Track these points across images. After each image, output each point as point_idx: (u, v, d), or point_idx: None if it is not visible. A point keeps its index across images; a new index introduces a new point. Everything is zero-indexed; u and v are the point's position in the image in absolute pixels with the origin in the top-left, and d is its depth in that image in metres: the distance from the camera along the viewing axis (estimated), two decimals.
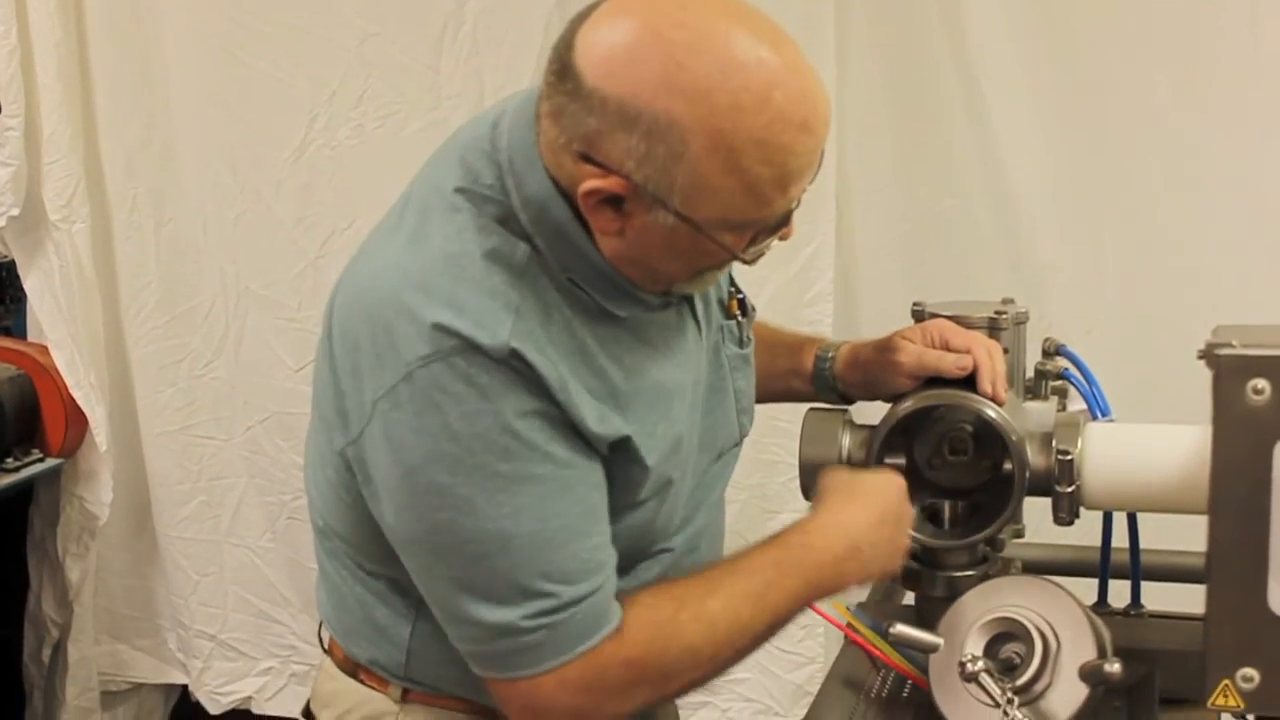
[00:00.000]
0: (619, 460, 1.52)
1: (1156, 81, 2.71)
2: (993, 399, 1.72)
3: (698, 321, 1.66)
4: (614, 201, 1.42)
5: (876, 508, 1.63)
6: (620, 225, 1.44)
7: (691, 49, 1.36)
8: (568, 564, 1.46)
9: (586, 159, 1.41)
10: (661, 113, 1.36)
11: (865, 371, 1.84)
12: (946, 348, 1.76)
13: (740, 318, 1.77)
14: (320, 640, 1.76)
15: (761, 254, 1.51)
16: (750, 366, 1.80)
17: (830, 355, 1.90)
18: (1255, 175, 2.67)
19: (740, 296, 1.79)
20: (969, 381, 1.74)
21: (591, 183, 1.40)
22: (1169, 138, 2.71)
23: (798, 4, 2.69)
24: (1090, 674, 1.57)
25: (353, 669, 1.69)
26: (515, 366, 1.42)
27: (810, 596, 1.57)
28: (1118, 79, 2.73)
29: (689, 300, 1.64)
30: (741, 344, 1.77)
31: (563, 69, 1.41)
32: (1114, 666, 1.55)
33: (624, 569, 1.56)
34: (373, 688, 1.67)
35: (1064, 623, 1.61)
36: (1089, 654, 1.59)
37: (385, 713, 1.66)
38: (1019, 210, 2.82)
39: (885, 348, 1.80)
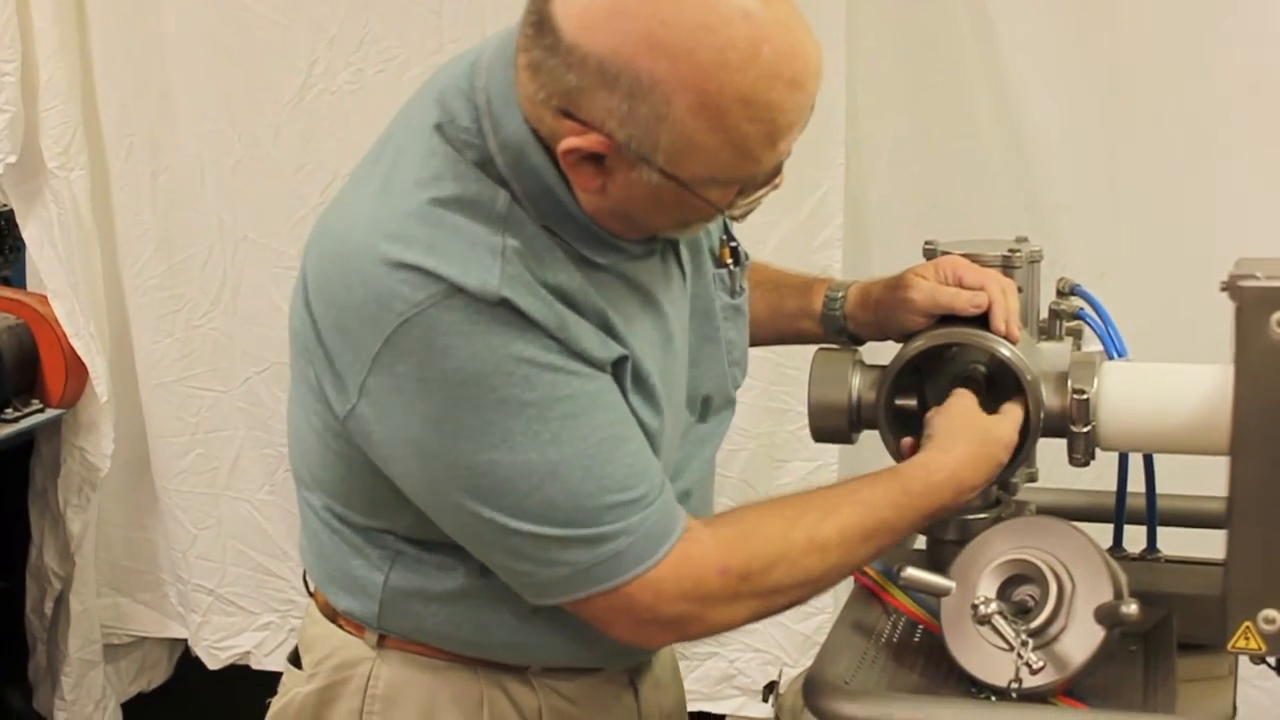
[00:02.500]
0: (624, 381, 1.48)
1: (1172, 18, 2.66)
2: (1006, 337, 1.68)
3: (682, 269, 1.62)
4: (595, 159, 1.38)
5: (988, 470, 1.63)
6: (602, 182, 1.40)
7: (674, 4, 1.31)
8: (620, 471, 1.43)
9: (567, 115, 1.36)
10: (644, 72, 1.31)
11: (876, 310, 1.80)
12: (960, 285, 1.72)
13: (732, 266, 1.72)
14: (305, 584, 1.73)
15: (751, 209, 1.48)
16: (743, 317, 1.75)
17: (840, 295, 1.85)
18: (1272, 113, 2.62)
19: (733, 245, 1.74)
20: (982, 320, 1.70)
21: (572, 140, 1.36)
22: (1184, 75, 2.67)
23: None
24: (1106, 615, 1.53)
25: (332, 614, 1.66)
26: (513, 311, 1.38)
27: (907, 534, 1.64)
28: (1132, 16, 2.69)
29: (674, 249, 1.61)
30: (733, 293, 1.72)
31: (540, 22, 1.36)
32: (1131, 607, 1.51)
33: None
34: (350, 633, 1.65)
35: (1079, 564, 1.58)
36: (1105, 596, 1.55)
37: (362, 658, 1.64)
38: (1032, 152, 2.78)
39: (897, 285, 1.76)
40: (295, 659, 1.72)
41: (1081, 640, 1.55)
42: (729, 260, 1.71)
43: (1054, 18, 2.73)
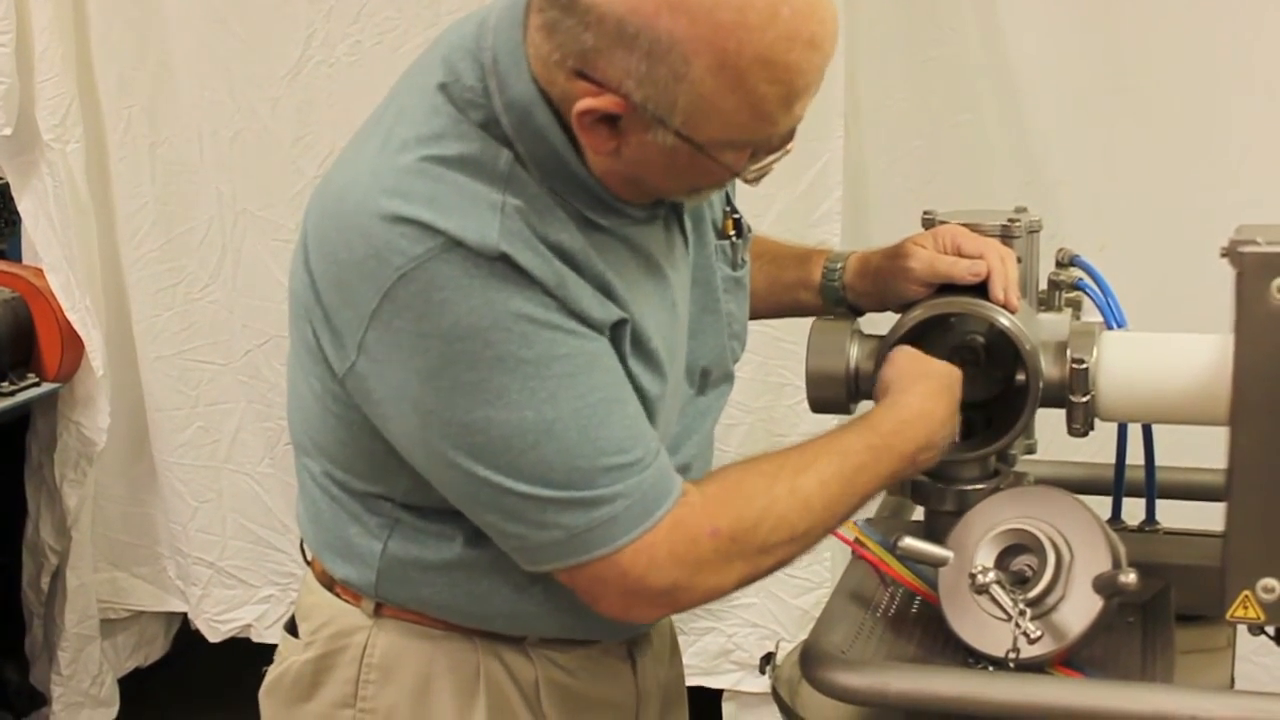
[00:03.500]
0: (623, 345, 1.47)
1: None
2: (1005, 306, 1.67)
3: (685, 238, 1.61)
4: (610, 120, 1.37)
5: (950, 402, 1.64)
6: (615, 144, 1.39)
7: None
8: (616, 433, 1.42)
9: (582, 76, 1.36)
10: (663, 31, 1.30)
11: (875, 279, 1.79)
12: (959, 253, 1.71)
13: (735, 238, 1.71)
14: (303, 552, 1.72)
15: (764, 173, 1.46)
16: (744, 290, 1.74)
17: (838, 265, 1.84)
18: (1272, 85, 2.62)
19: (736, 217, 1.73)
20: (981, 289, 1.69)
21: (587, 101, 1.35)
22: (1184, 49, 2.66)
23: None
24: (1104, 584, 1.52)
25: (329, 582, 1.65)
26: (511, 268, 1.37)
27: (888, 484, 1.61)
28: None
29: (678, 217, 1.60)
30: (735, 266, 1.71)
31: None
32: (1129, 576, 1.50)
33: None
34: (348, 602, 1.63)
35: (1077, 534, 1.57)
36: (1103, 565, 1.54)
37: (359, 627, 1.62)
38: (1032, 125, 2.79)
39: (896, 254, 1.75)
40: (292, 628, 1.71)
41: (1079, 610, 1.54)
42: (731, 232, 1.71)
43: None
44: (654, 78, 1.32)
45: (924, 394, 1.62)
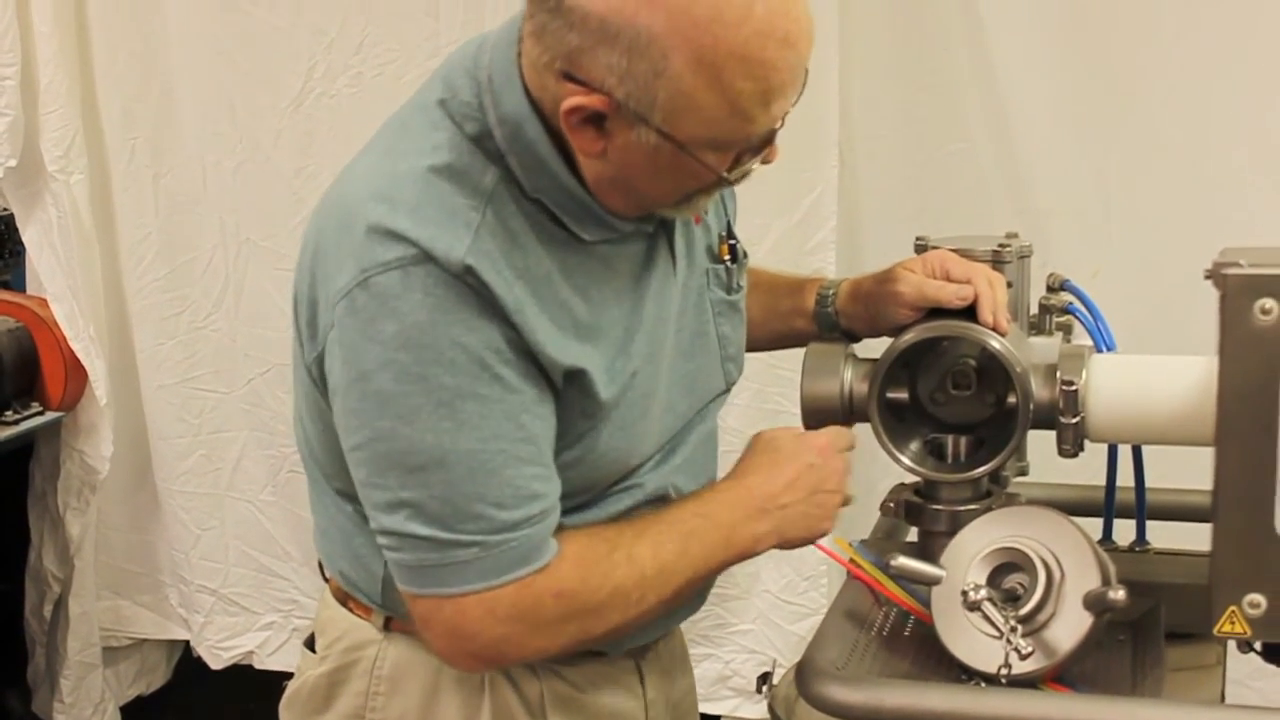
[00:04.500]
0: (573, 390, 1.51)
1: (1162, 22, 2.69)
2: (994, 329, 1.70)
3: (674, 257, 1.64)
4: (596, 120, 1.41)
5: (787, 472, 1.63)
6: (602, 146, 1.43)
7: None
8: (503, 490, 1.45)
9: (569, 77, 1.40)
10: (643, 28, 1.35)
11: (866, 303, 1.82)
12: (948, 278, 1.74)
13: (730, 264, 1.74)
14: (321, 568, 1.76)
15: (746, 175, 1.50)
16: (739, 314, 1.77)
17: (831, 292, 1.88)
18: (1263, 114, 2.65)
19: (732, 242, 1.76)
20: (972, 313, 1.72)
21: (573, 99, 1.40)
22: (1175, 79, 2.69)
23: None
24: (1094, 602, 1.55)
25: (343, 597, 1.70)
26: (470, 284, 1.42)
27: (730, 554, 1.61)
28: (1123, 20, 2.71)
29: (668, 237, 1.63)
30: (729, 290, 1.74)
31: None
32: (1118, 593, 1.53)
33: (591, 501, 1.58)
34: (360, 616, 1.68)
35: (1067, 552, 1.59)
36: (1093, 583, 1.57)
37: (370, 641, 1.67)
38: (1024, 154, 2.81)
39: (885, 279, 1.78)
40: (310, 643, 1.75)
41: (1070, 627, 1.56)
42: (726, 257, 1.74)
43: (1046, 21, 2.75)
44: (634, 74, 1.37)
45: (744, 468, 1.65)
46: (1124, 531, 1.93)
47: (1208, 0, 2.67)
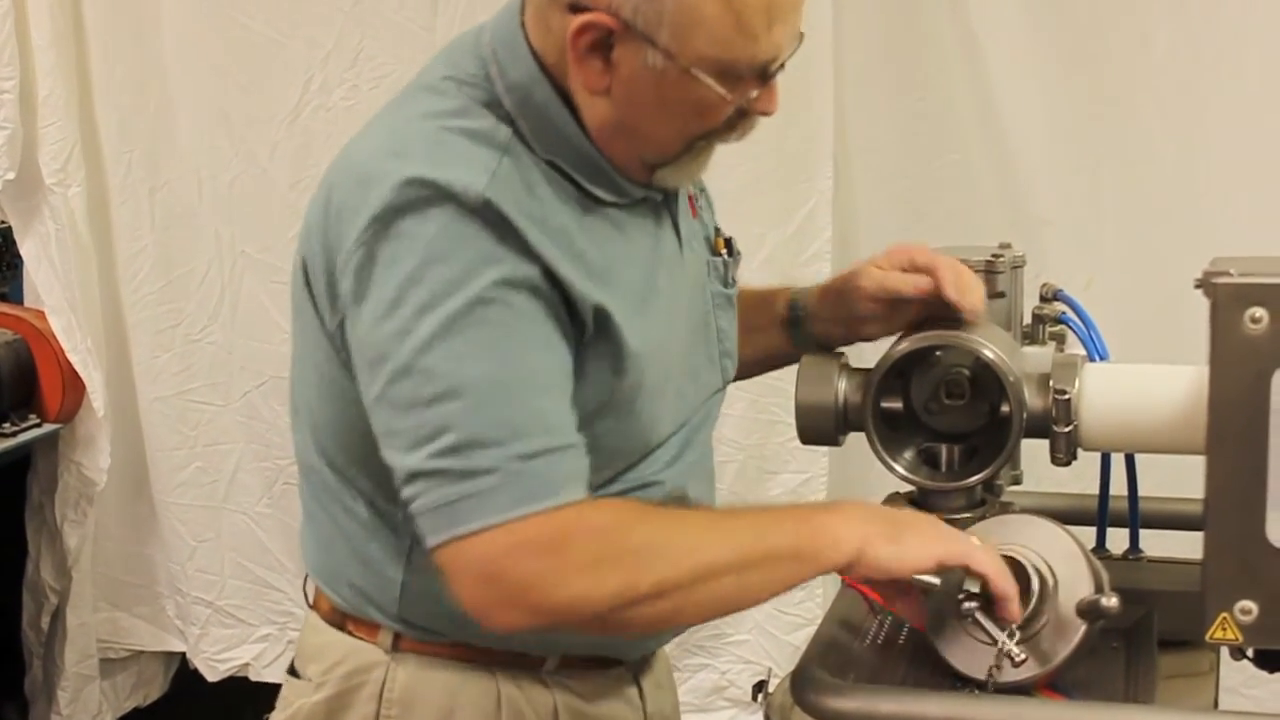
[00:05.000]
0: (601, 341, 1.50)
1: (1155, 36, 2.72)
2: (961, 308, 1.68)
3: (679, 238, 1.65)
4: (603, 49, 1.44)
5: (879, 524, 1.53)
6: (608, 82, 1.46)
7: None
8: (522, 416, 1.41)
9: (575, 8, 1.43)
10: None
11: (834, 302, 1.82)
12: (912, 268, 1.74)
13: (727, 256, 1.76)
14: (305, 595, 1.73)
15: (749, 129, 1.54)
16: (734, 310, 1.78)
17: (801, 298, 1.88)
18: (1254, 125, 2.67)
19: (728, 237, 1.78)
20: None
21: (582, 18, 1.43)
22: (1167, 91, 2.72)
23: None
24: (1087, 610, 1.55)
25: (340, 620, 1.65)
26: (490, 220, 1.42)
27: (801, 540, 1.48)
28: (1116, 33, 2.74)
29: (672, 218, 1.64)
30: (726, 284, 1.76)
31: None
32: (1111, 601, 1.53)
33: (613, 495, 1.56)
34: (361, 638, 1.64)
35: (1060, 560, 1.60)
36: (1086, 590, 1.57)
37: (375, 663, 1.63)
38: (1018, 165, 2.84)
39: (849, 274, 1.79)
40: (293, 671, 1.70)
41: (1062, 635, 1.57)
42: (723, 250, 1.76)
43: (1039, 34, 2.78)
44: None
45: (848, 508, 1.55)
46: (1118, 540, 1.94)
47: (1199, 14, 2.69)
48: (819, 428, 1.80)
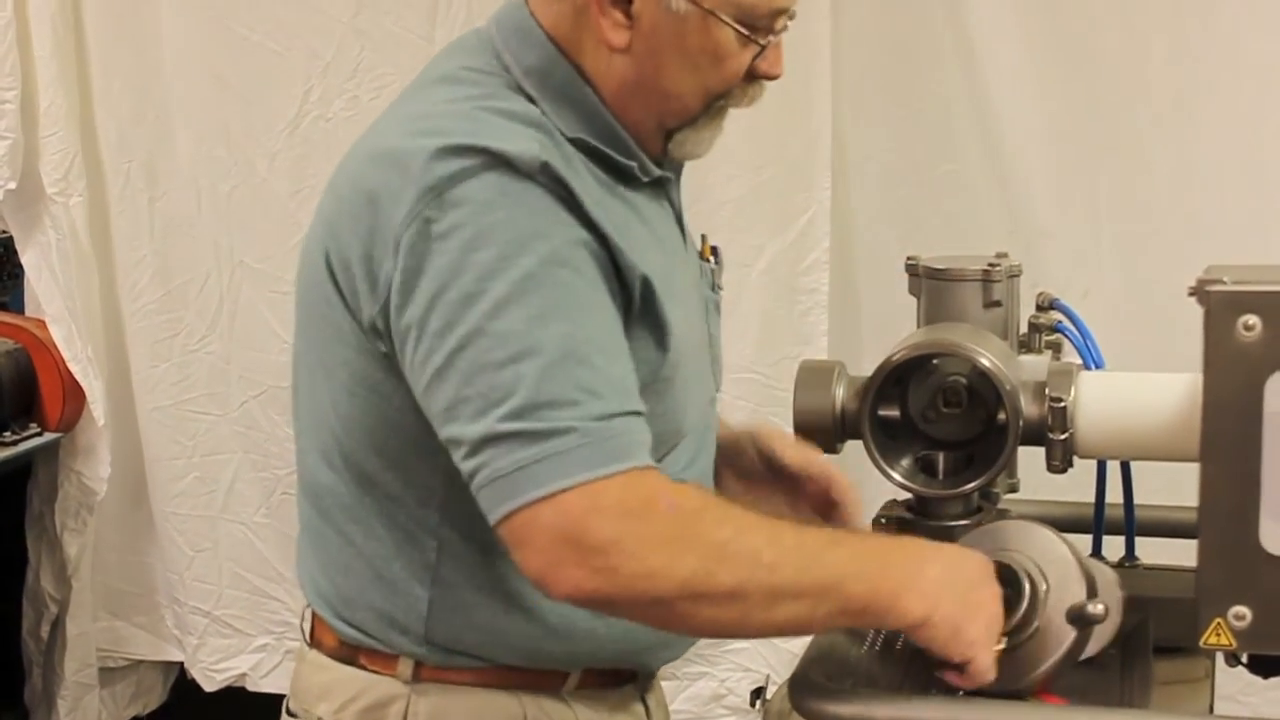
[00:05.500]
0: (646, 313, 1.49)
1: (1151, 47, 2.74)
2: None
3: (682, 230, 1.67)
4: (624, 1, 1.47)
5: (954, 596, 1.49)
6: (628, 37, 1.49)
7: None
8: (596, 377, 1.38)
9: None
10: None
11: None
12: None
13: (713, 262, 1.78)
14: (303, 633, 1.68)
15: (758, 95, 1.59)
16: (720, 315, 1.79)
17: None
18: (1250, 138, 2.69)
19: (714, 245, 1.79)
20: (963, 333, 1.74)
21: None
22: (1164, 102, 2.74)
23: None
24: (1076, 617, 1.56)
25: (350, 654, 1.61)
26: (544, 184, 1.42)
27: (867, 588, 1.44)
28: (1113, 43, 2.76)
29: (675, 210, 1.66)
30: (713, 289, 1.77)
31: None
32: (1097, 608, 1.54)
33: None
34: (376, 671, 1.59)
35: (1053, 565, 1.60)
36: (1078, 596, 1.58)
37: (394, 696, 1.58)
38: (1016, 175, 2.85)
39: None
40: (292, 713, 1.65)
41: (1054, 640, 1.57)
42: (710, 256, 1.77)
43: (1036, 45, 2.80)
44: None
45: (928, 572, 1.49)
46: (1114, 548, 1.95)
47: (1195, 27, 2.72)
48: (817, 435, 1.81)
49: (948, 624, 1.46)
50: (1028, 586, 1.59)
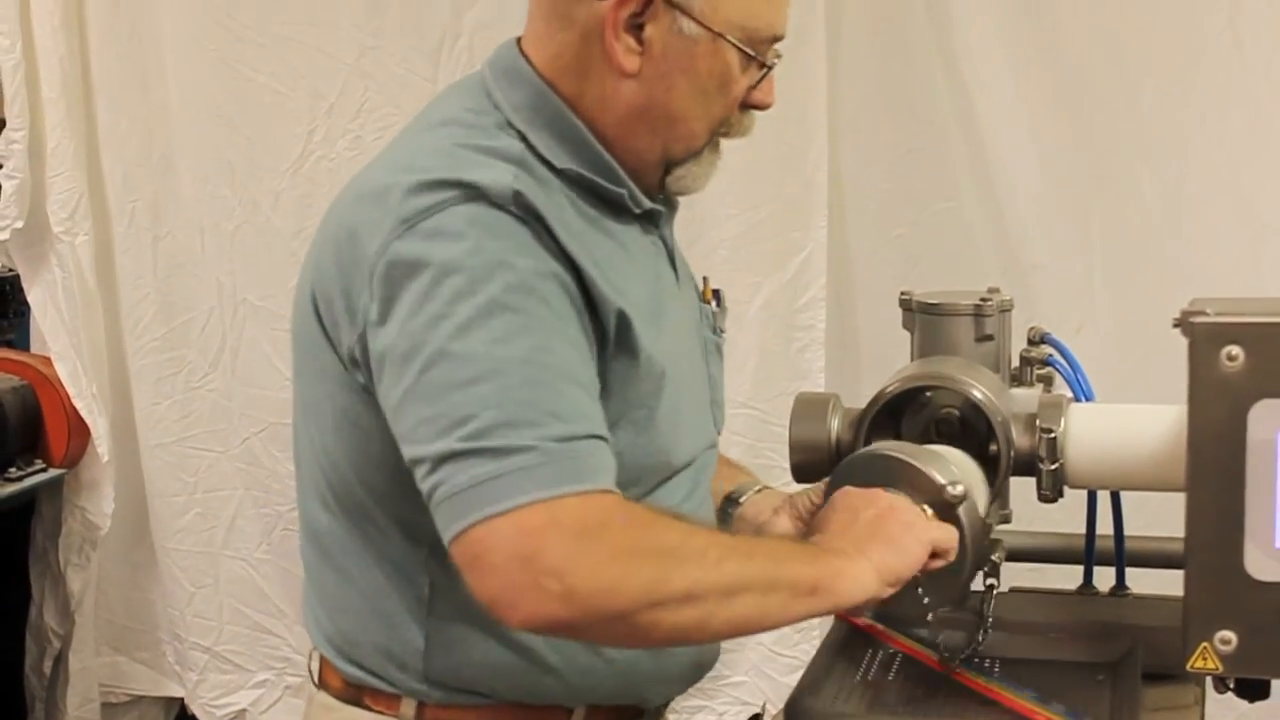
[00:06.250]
0: (621, 349, 1.51)
1: (1141, 87, 2.78)
2: None
3: (675, 269, 1.69)
4: (635, 27, 1.50)
5: (866, 512, 1.55)
6: (638, 63, 1.52)
7: None
8: (559, 400, 1.39)
9: None
10: None
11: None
12: None
13: (714, 306, 1.80)
14: (311, 673, 1.69)
15: (750, 126, 1.62)
16: (721, 358, 1.80)
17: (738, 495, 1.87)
18: (1239, 175, 2.73)
19: (716, 289, 1.82)
20: (956, 364, 1.76)
21: None
22: (1154, 141, 2.78)
23: (789, 11, 2.75)
24: (940, 503, 1.57)
25: (355, 695, 1.61)
26: (520, 214, 1.44)
27: (807, 573, 1.46)
28: (1104, 84, 2.80)
29: (667, 248, 1.68)
30: (714, 331, 1.79)
31: None
32: (956, 489, 1.56)
33: None
34: (380, 712, 1.59)
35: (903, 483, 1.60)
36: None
37: None
38: (1010, 213, 2.89)
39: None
40: None
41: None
42: (711, 300, 1.79)
43: (1029, 83, 2.85)
44: None
45: (839, 542, 1.52)
46: (1105, 578, 1.97)
47: (1184, 67, 2.76)
48: (812, 466, 1.83)
49: (887, 555, 1.50)
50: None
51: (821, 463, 1.83)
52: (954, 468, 1.61)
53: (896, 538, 1.52)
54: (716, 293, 1.81)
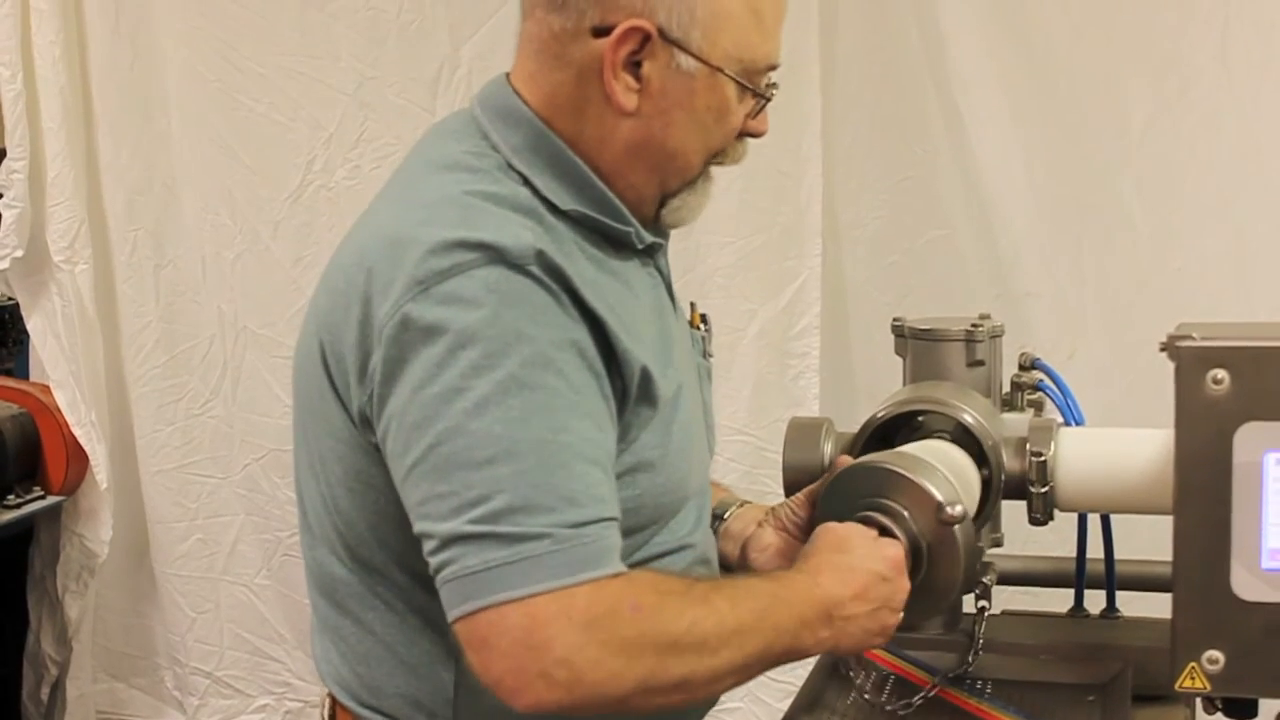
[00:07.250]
0: (643, 398, 1.50)
1: (1133, 116, 2.80)
2: None
3: (672, 298, 1.69)
4: (633, 64, 1.49)
5: (858, 580, 1.52)
6: (636, 100, 1.50)
7: None
8: (574, 484, 1.37)
9: (602, 31, 1.49)
10: None
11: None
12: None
13: (703, 330, 1.80)
14: (322, 714, 1.65)
15: (743, 154, 1.61)
16: (711, 382, 1.80)
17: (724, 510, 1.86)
18: (1229, 203, 2.75)
19: (703, 313, 1.82)
20: (947, 389, 1.78)
21: (623, 25, 1.47)
22: (1146, 168, 2.80)
23: (783, 40, 2.78)
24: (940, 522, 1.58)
25: None
26: (542, 276, 1.41)
27: (794, 645, 1.48)
28: (1096, 113, 2.82)
29: (664, 279, 1.67)
30: (704, 355, 1.79)
31: None
32: (955, 509, 1.56)
33: (646, 562, 1.54)
34: None
35: (904, 495, 1.60)
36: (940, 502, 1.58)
37: None
38: (1002, 241, 2.91)
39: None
40: None
41: (948, 553, 1.59)
42: (699, 324, 1.80)
43: (1021, 112, 2.87)
44: None
45: (830, 566, 1.53)
46: (1096, 601, 1.99)
47: (1176, 95, 2.78)
48: (805, 488, 1.84)
49: (867, 639, 1.54)
50: (896, 528, 1.58)
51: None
52: (951, 479, 1.61)
53: (883, 629, 1.54)
54: (704, 316, 1.82)
